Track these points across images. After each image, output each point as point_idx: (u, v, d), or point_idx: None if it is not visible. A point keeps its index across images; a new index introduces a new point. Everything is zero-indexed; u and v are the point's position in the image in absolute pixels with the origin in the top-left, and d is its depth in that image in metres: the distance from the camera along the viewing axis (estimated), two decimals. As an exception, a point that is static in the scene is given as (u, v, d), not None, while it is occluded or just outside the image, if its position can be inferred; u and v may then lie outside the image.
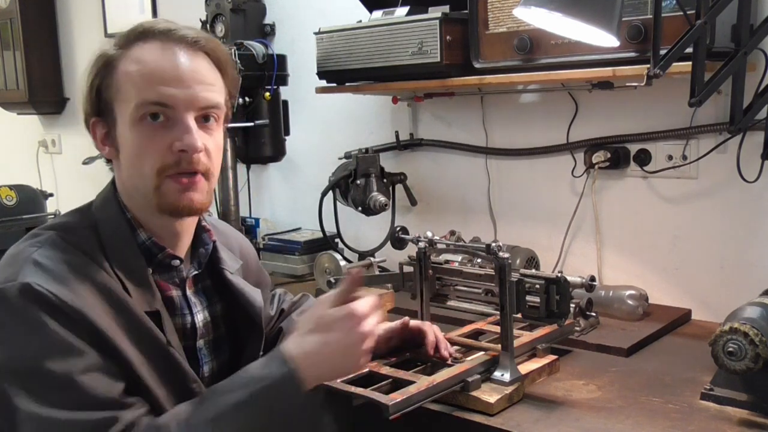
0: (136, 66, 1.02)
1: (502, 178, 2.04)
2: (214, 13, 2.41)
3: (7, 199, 2.55)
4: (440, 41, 1.73)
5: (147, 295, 1.05)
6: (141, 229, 1.08)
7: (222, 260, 1.20)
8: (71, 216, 1.09)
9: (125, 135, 1.04)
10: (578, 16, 1.27)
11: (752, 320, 1.15)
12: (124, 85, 1.02)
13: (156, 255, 1.09)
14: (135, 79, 1.02)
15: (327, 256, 1.99)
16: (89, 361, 0.93)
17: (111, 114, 1.05)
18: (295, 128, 2.33)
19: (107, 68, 1.04)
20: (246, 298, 1.21)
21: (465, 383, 1.22)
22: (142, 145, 1.03)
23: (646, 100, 1.74)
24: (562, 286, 1.20)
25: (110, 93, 1.04)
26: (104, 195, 1.11)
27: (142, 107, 1.01)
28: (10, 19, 3.30)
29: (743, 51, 1.39)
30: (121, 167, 1.07)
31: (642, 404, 1.23)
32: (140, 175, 1.04)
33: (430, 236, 1.41)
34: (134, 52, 1.04)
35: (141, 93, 1.01)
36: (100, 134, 1.07)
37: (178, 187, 1.04)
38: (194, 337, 1.14)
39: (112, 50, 1.05)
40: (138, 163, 1.04)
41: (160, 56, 1.03)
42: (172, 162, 1.03)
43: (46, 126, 3.55)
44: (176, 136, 1.02)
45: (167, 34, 1.05)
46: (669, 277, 1.77)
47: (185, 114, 1.03)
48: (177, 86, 1.02)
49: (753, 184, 1.58)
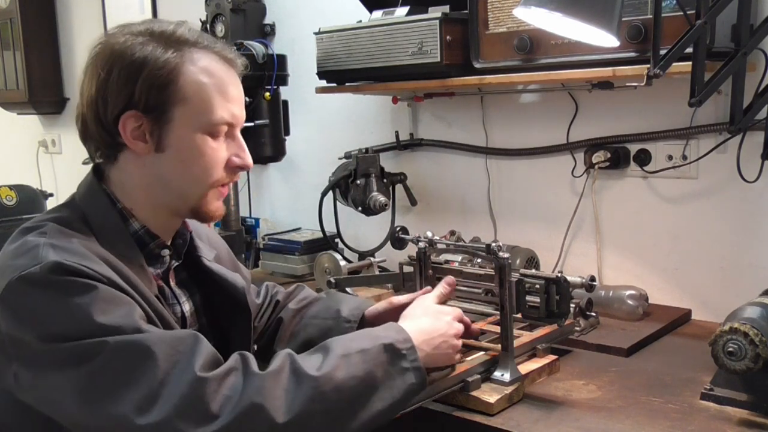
0: (208, 78, 1.05)
1: (502, 178, 2.04)
2: (214, 13, 2.41)
3: (7, 199, 2.56)
4: (440, 41, 1.73)
5: (146, 281, 1.06)
6: (133, 219, 1.09)
7: (199, 248, 1.22)
8: (60, 210, 1.08)
9: (185, 139, 1.05)
10: (578, 16, 1.28)
11: (752, 320, 1.15)
12: (196, 94, 1.04)
13: (148, 244, 1.10)
14: (210, 92, 1.05)
15: (327, 256, 1.99)
16: (140, 311, 0.96)
17: (163, 113, 1.04)
18: (295, 128, 2.33)
19: (169, 71, 1.03)
20: (227, 281, 1.22)
21: (465, 383, 1.22)
22: (205, 155, 1.06)
23: (646, 100, 1.74)
24: (562, 286, 1.21)
25: (171, 96, 1.04)
26: (88, 188, 1.10)
27: (216, 123, 1.06)
28: (10, 19, 3.30)
29: (743, 51, 1.39)
30: (158, 166, 1.06)
31: (642, 404, 1.23)
32: (193, 180, 1.07)
33: (430, 236, 1.41)
34: (200, 62, 1.05)
35: (216, 109, 1.05)
36: (131, 127, 1.04)
37: (218, 196, 1.11)
38: (184, 326, 1.15)
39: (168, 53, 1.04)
40: (196, 169, 1.07)
41: (225, 73, 1.08)
42: (225, 175, 1.10)
43: (46, 126, 3.55)
44: (235, 153, 1.10)
45: (218, 50, 1.09)
46: (669, 277, 1.77)
47: (237, 131, 1.11)
48: (239, 106, 1.10)
49: (753, 184, 1.58)
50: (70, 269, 0.93)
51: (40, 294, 0.92)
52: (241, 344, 1.21)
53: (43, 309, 0.91)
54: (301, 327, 1.35)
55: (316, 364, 0.97)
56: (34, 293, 0.92)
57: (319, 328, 1.32)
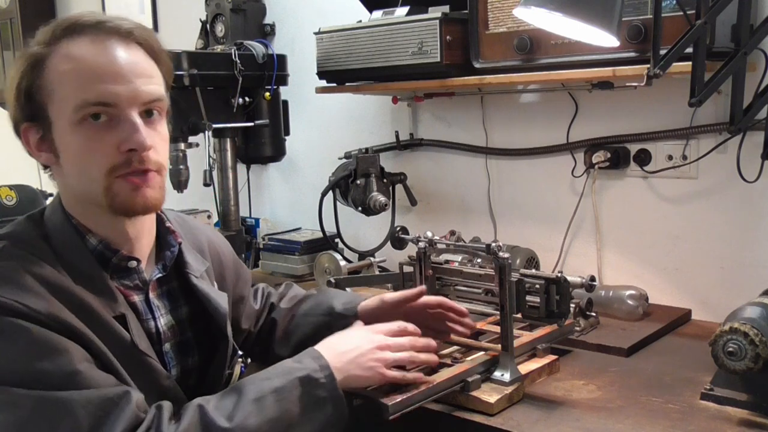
0: (69, 64, 0.96)
1: (502, 178, 2.04)
2: (214, 13, 2.41)
3: (7, 199, 2.55)
4: (440, 41, 1.73)
5: (109, 300, 1.01)
6: (90, 234, 1.04)
7: (187, 264, 1.16)
8: (22, 225, 1.05)
9: (65, 139, 0.98)
10: (578, 16, 1.28)
11: (752, 320, 1.15)
12: (59, 86, 0.96)
13: (110, 259, 1.05)
14: (70, 78, 0.96)
15: (327, 256, 1.99)
16: (79, 354, 0.92)
17: (45, 117, 0.98)
18: (295, 128, 2.33)
19: (36, 69, 0.97)
20: (211, 303, 1.16)
21: (465, 383, 1.22)
22: (86, 148, 0.97)
23: (646, 100, 1.74)
24: (562, 286, 1.21)
25: (42, 95, 0.98)
26: (53, 204, 1.07)
27: (82, 108, 0.96)
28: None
29: (743, 51, 1.39)
30: (64, 172, 1.02)
31: (642, 404, 1.23)
32: (88, 178, 0.99)
33: (430, 236, 1.41)
34: (64, 49, 0.97)
35: (79, 93, 0.95)
36: (33, 140, 1.00)
37: (130, 187, 1.00)
38: (160, 341, 1.11)
39: (38, 49, 0.98)
40: (84, 166, 0.99)
41: (95, 51, 0.97)
42: (122, 162, 0.98)
43: (46, 126, 3.55)
44: (123, 136, 0.97)
45: (97, 27, 0.99)
46: (669, 277, 1.77)
47: (129, 111, 0.98)
48: (117, 83, 0.97)
49: (753, 184, 1.58)
50: (7, 307, 0.89)
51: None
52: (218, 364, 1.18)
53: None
54: (294, 326, 1.34)
55: (227, 413, 0.95)
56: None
57: (314, 325, 1.31)
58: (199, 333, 1.18)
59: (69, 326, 0.93)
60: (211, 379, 1.17)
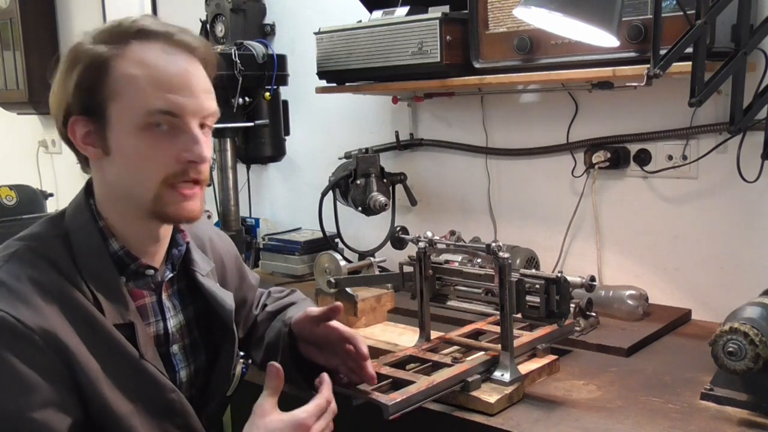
0: (140, 69, 0.98)
1: (502, 178, 2.04)
2: (214, 13, 2.41)
3: (7, 199, 2.56)
4: (440, 41, 1.73)
5: (120, 307, 1.02)
6: (113, 239, 1.04)
7: (194, 262, 1.17)
8: (43, 225, 1.05)
9: (124, 139, 1.00)
10: (578, 16, 1.28)
11: (752, 320, 1.15)
12: (127, 89, 0.98)
13: (128, 265, 1.06)
14: (141, 84, 0.98)
15: (327, 256, 1.98)
16: (42, 395, 0.92)
17: (101, 115, 1.00)
18: (295, 128, 2.33)
19: (100, 67, 0.99)
20: (217, 302, 1.17)
21: (465, 383, 1.22)
22: (145, 154, 0.99)
23: (646, 100, 1.74)
24: (562, 286, 1.21)
25: (105, 94, 0.99)
26: (77, 202, 1.07)
27: (149, 115, 0.98)
28: (10, 19, 3.30)
29: (743, 51, 1.39)
30: (110, 170, 1.03)
31: (642, 404, 1.23)
32: (139, 182, 1.01)
33: (430, 236, 1.41)
34: (135, 53, 0.99)
35: (149, 100, 0.98)
36: (80, 133, 1.02)
37: (178, 197, 1.02)
38: (167, 343, 1.11)
39: (102, 48, 0.99)
40: (139, 170, 1.00)
41: (166, 61, 1.00)
42: (179, 171, 1.01)
43: (46, 126, 3.55)
44: (184, 146, 1.00)
45: (167, 37, 1.02)
46: (669, 277, 1.77)
47: (191, 123, 1.01)
48: (185, 95, 1.00)
49: (753, 184, 1.58)
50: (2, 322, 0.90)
51: None
52: (224, 363, 1.18)
53: None
54: (268, 331, 1.34)
55: None
56: None
57: (276, 331, 1.31)
58: (204, 332, 1.18)
59: (61, 345, 0.93)
60: (217, 379, 1.17)
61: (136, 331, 1.03)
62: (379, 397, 1.13)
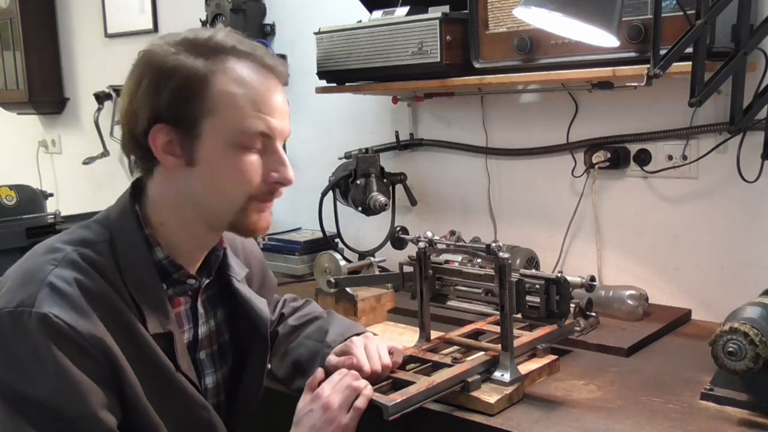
0: (239, 88, 1.00)
1: (502, 178, 2.04)
2: (214, 13, 2.41)
3: (7, 199, 2.56)
4: (440, 41, 1.73)
5: (161, 316, 1.03)
6: (158, 247, 1.05)
7: (230, 267, 1.19)
8: (90, 229, 1.05)
9: (215, 154, 1.01)
10: (578, 16, 1.28)
11: (752, 320, 1.15)
12: (225, 106, 1.00)
13: (172, 274, 1.07)
14: (240, 102, 1.00)
15: (327, 256, 1.98)
16: (95, 397, 0.93)
17: (193, 127, 1.00)
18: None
19: (200, 82, 0.99)
20: (253, 308, 1.19)
21: (465, 383, 1.22)
22: (236, 171, 1.02)
23: (646, 100, 1.74)
24: (562, 286, 1.20)
25: (200, 107, 0.99)
26: (122, 207, 1.07)
27: (246, 135, 1.01)
28: (10, 19, 3.30)
29: (743, 51, 1.39)
30: (189, 181, 1.03)
31: (642, 404, 1.23)
32: (225, 196, 1.03)
33: (430, 236, 1.41)
34: (232, 72, 1.00)
35: (248, 120, 1.00)
36: (163, 140, 1.01)
37: (260, 208, 1.06)
38: (195, 349, 1.13)
39: (200, 62, 0.99)
40: (227, 186, 1.03)
41: (261, 83, 1.02)
42: (266, 191, 1.05)
43: (46, 126, 3.55)
44: (273, 167, 1.04)
45: (256, 57, 1.03)
46: (669, 277, 1.77)
47: (279, 144, 1.05)
48: (278, 118, 1.03)
49: (753, 184, 1.58)
50: (54, 328, 0.91)
51: (20, 340, 0.92)
52: (254, 371, 1.20)
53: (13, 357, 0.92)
54: (295, 346, 1.34)
55: None
56: (14, 336, 0.92)
57: (309, 349, 1.31)
58: (232, 337, 1.19)
59: (108, 352, 0.95)
60: (248, 387, 1.19)
61: (174, 341, 1.04)
62: (379, 398, 1.13)
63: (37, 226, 2.47)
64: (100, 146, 2.88)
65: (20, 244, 2.32)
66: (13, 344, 0.92)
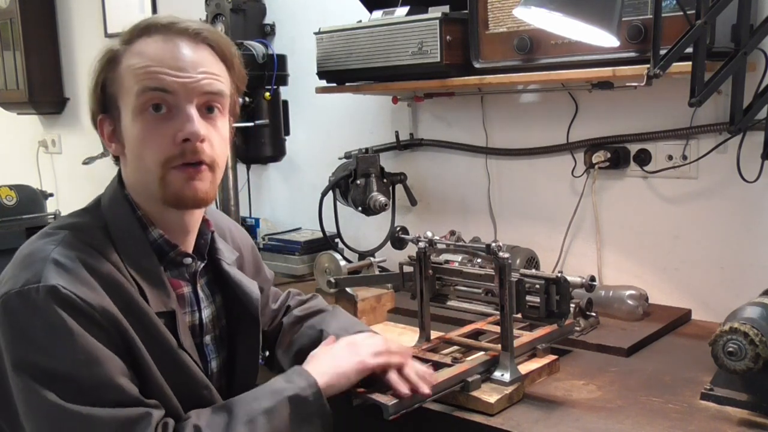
0: (138, 59, 1.02)
1: (502, 178, 2.04)
2: (214, 13, 2.41)
3: (7, 199, 2.55)
4: (440, 41, 1.73)
5: (162, 295, 1.04)
6: (153, 227, 1.07)
7: (219, 251, 1.19)
8: (81, 216, 1.08)
9: (129, 128, 1.03)
10: (578, 16, 1.28)
11: (752, 320, 1.15)
12: (127, 78, 1.02)
13: (168, 253, 1.08)
14: (137, 70, 1.01)
15: (327, 256, 1.99)
16: (113, 364, 0.94)
17: (116, 109, 1.04)
18: (295, 128, 2.33)
19: (111, 64, 1.03)
20: (243, 289, 1.19)
21: (465, 383, 1.22)
22: (145, 138, 1.01)
23: (646, 100, 1.74)
24: (562, 286, 1.20)
25: (114, 88, 1.03)
26: (112, 193, 1.09)
27: (142, 94, 1.00)
28: (10, 19, 3.31)
29: (743, 51, 1.39)
30: (128, 162, 1.06)
31: (642, 404, 1.23)
32: (145, 168, 1.03)
33: (430, 236, 1.41)
34: (137, 47, 1.03)
35: (142, 81, 1.00)
36: (107, 131, 1.06)
37: (182, 176, 1.03)
38: (201, 333, 1.14)
39: (116, 46, 1.04)
40: (142, 155, 1.02)
41: (163, 48, 1.02)
42: (177, 153, 1.01)
43: (46, 126, 3.55)
44: (179, 126, 1.01)
45: (169, 27, 1.04)
46: (669, 277, 1.77)
47: (186, 103, 1.02)
48: (177, 71, 1.01)
49: (753, 184, 1.58)
50: (65, 299, 0.92)
51: (31, 315, 0.92)
52: (246, 355, 1.20)
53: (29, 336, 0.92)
54: (298, 336, 1.34)
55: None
56: (26, 314, 0.92)
57: (310, 337, 1.31)
58: (230, 322, 1.20)
59: (117, 324, 0.96)
60: (243, 369, 1.19)
61: (176, 320, 1.05)
62: (379, 398, 1.13)
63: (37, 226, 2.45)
64: (100, 146, 2.87)
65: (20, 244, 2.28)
66: (26, 323, 0.92)
